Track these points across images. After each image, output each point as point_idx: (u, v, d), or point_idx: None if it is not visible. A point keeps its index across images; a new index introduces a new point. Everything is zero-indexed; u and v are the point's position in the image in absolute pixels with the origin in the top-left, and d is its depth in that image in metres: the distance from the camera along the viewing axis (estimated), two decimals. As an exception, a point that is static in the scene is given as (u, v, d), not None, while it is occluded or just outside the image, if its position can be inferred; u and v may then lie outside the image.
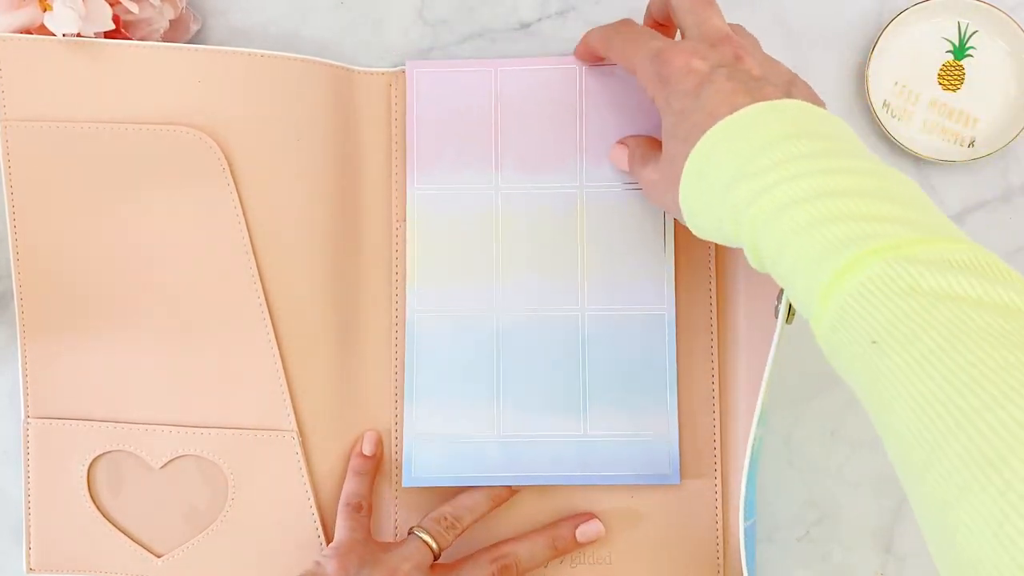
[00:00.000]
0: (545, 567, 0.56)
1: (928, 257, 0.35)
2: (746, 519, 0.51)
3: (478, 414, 0.57)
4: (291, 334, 0.57)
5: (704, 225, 0.46)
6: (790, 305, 0.47)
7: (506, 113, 0.58)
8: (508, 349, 0.57)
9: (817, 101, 0.45)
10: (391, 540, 0.58)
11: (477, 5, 0.61)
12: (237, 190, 0.56)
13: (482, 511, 0.56)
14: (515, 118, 0.58)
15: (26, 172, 0.56)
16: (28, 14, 0.55)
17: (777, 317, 0.47)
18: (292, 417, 0.57)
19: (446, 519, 0.54)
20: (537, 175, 0.57)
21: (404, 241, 0.58)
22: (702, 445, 0.57)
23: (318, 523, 0.57)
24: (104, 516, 0.58)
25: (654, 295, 0.57)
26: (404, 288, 0.58)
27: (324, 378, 0.57)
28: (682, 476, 0.57)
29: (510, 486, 0.57)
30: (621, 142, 0.55)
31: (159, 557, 0.57)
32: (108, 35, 0.56)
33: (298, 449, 0.57)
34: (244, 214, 0.56)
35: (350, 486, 0.56)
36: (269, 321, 0.56)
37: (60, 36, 0.54)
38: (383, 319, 0.58)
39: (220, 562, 0.57)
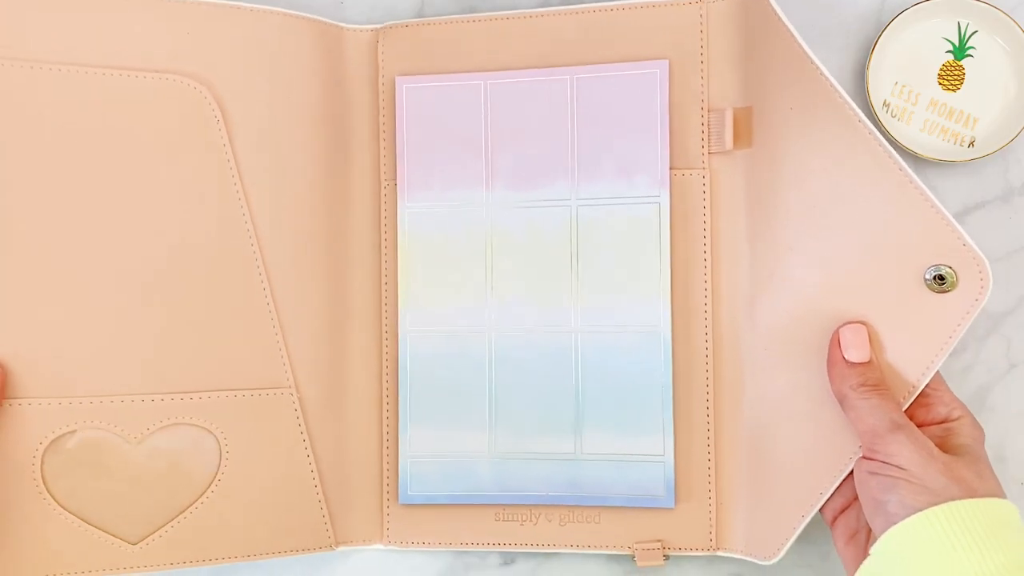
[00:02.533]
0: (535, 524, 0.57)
1: None
2: None
3: (472, 433, 0.56)
4: (285, 288, 0.56)
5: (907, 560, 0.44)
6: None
7: (496, 128, 0.57)
8: (502, 368, 0.56)
9: None
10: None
11: (477, 4, 0.61)
12: (230, 143, 0.55)
13: None
14: (506, 133, 0.57)
15: None
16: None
17: None
18: (290, 374, 0.55)
19: None
20: (529, 191, 0.57)
21: (392, 203, 0.58)
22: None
23: (317, 479, 0.56)
24: (64, 508, 0.53)
25: (649, 312, 0.56)
26: (394, 252, 0.58)
27: (316, 333, 0.57)
28: (677, 499, 0.55)
29: None
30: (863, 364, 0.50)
31: (134, 544, 0.54)
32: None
33: (297, 406, 0.56)
34: (238, 167, 0.55)
35: None
36: (266, 277, 0.55)
37: None
38: (371, 274, 0.58)
39: (213, 532, 0.55)
